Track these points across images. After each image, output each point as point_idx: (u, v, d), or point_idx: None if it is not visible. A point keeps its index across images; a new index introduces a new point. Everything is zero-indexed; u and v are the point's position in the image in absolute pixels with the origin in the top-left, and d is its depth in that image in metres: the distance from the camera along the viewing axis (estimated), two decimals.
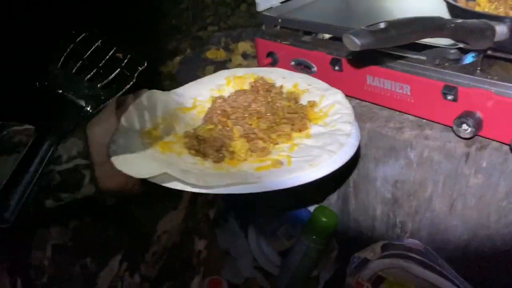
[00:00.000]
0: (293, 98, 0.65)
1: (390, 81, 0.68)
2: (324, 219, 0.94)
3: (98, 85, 0.57)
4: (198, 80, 0.73)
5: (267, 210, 1.02)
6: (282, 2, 0.89)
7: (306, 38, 0.80)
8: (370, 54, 0.71)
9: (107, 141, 0.55)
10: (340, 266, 0.95)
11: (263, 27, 0.87)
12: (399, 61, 0.67)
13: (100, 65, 0.58)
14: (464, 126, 0.60)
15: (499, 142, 0.62)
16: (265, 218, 1.02)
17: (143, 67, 0.58)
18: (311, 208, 1.07)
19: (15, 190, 0.49)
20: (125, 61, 0.58)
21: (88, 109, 0.56)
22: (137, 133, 0.59)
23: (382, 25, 0.45)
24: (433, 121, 0.68)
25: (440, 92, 0.62)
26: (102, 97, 0.57)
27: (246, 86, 0.70)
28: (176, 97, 0.69)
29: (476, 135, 0.61)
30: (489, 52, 0.60)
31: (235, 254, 1.03)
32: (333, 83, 0.76)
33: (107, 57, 0.58)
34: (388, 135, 0.69)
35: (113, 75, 0.57)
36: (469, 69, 0.61)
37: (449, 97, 0.61)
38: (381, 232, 0.82)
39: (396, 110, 0.72)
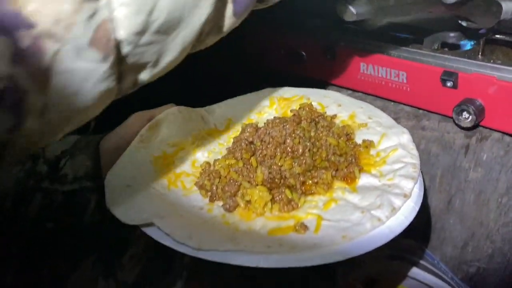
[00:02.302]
0: (345, 133, 0.52)
1: (385, 69, 0.64)
2: None
3: None
4: (238, 98, 0.62)
5: None
6: None
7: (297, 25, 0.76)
8: (365, 40, 0.67)
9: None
10: (329, 267, 0.91)
11: None
12: (395, 46, 0.63)
13: None
14: (465, 114, 0.56)
15: (501, 132, 0.58)
16: None
17: None
18: None
19: None
20: None
21: None
22: (148, 158, 0.50)
23: None
24: (430, 111, 0.64)
25: (439, 78, 0.58)
26: None
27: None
28: (208, 116, 0.59)
29: (477, 124, 0.57)
30: (491, 35, 0.56)
31: None
32: (325, 72, 0.73)
33: None
34: None
35: None
36: (470, 54, 0.58)
37: (449, 84, 0.57)
38: None
39: (391, 100, 0.68)
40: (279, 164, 0.47)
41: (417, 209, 0.43)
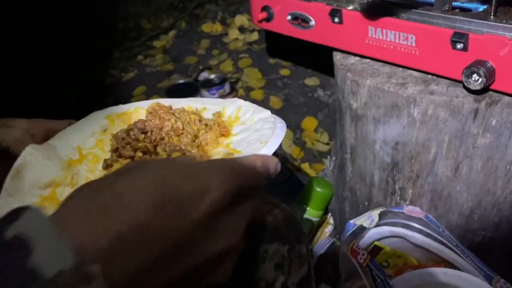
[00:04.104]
0: (195, 112, 0.59)
1: (394, 32, 0.62)
2: (319, 190, 0.90)
3: None
4: (71, 127, 0.60)
5: None
6: None
7: None
8: (373, 3, 0.66)
9: None
10: (335, 241, 0.91)
11: None
12: (404, 9, 0.61)
13: None
14: (475, 77, 0.55)
15: None
16: None
17: None
18: (304, 180, 1.02)
19: None
20: None
21: None
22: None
23: None
24: (439, 76, 0.62)
25: (449, 40, 0.57)
26: None
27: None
28: (55, 152, 0.57)
29: (487, 87, 0.56)
30: None
31: None
32: (332, 37, 0.71)
33: None
34: (390, 91, 0.63)
35: None
36: (482, 15, 0.56)
37: (459, 46, 0.56)
38: (379, 200, 0.77)
39: (400, 66, 0.66)
40: (170, 142, 0.54)
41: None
